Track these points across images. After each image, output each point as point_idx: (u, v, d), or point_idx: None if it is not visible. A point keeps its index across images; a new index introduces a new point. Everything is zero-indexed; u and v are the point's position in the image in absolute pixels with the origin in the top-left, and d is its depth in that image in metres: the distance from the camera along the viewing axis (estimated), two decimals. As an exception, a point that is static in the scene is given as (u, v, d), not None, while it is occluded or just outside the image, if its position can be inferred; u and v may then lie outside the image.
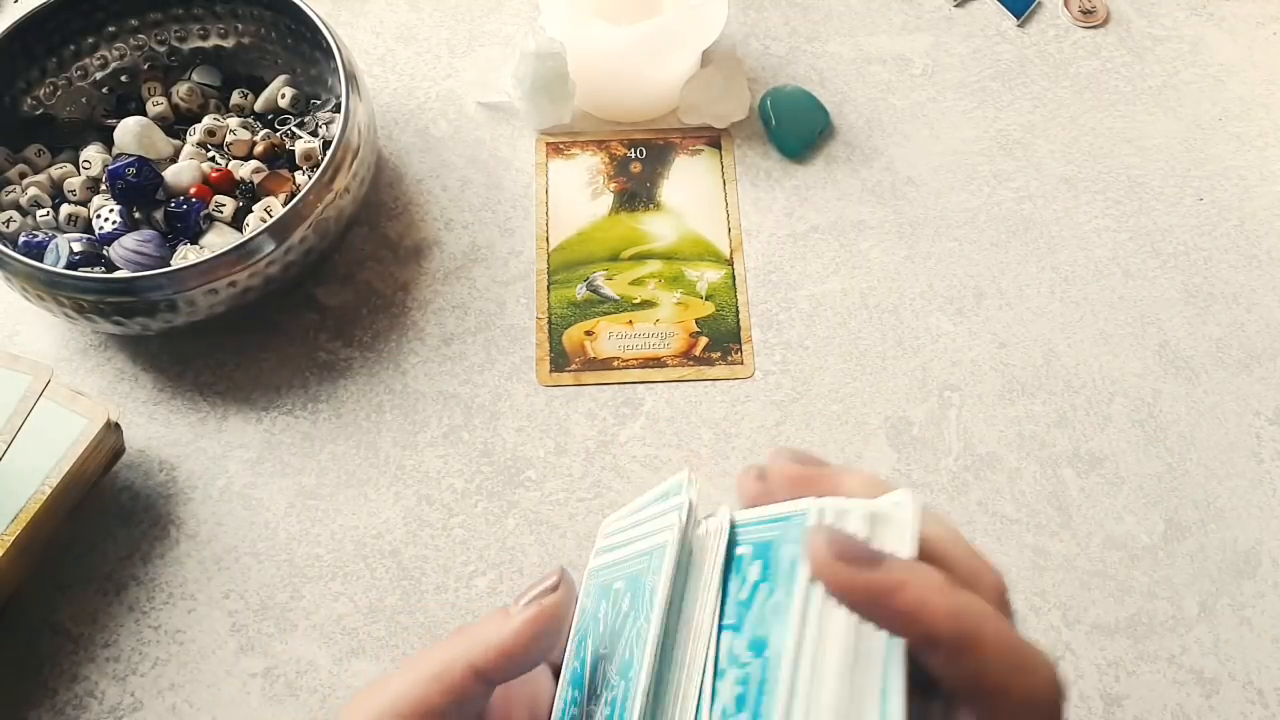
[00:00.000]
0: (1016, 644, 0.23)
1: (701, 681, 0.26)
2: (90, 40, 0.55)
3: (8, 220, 0.51)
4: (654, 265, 0.54)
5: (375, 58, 0.61)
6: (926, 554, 0.25)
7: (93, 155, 0.53)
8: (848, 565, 0.23)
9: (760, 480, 0.28)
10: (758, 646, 0.25)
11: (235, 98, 0.56)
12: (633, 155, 0.57)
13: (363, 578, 0.46)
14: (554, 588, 0.28)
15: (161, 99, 0.55)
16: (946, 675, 0.23)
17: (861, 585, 0.23)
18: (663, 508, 0.30)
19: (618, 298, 0.53)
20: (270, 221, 0.46)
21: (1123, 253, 0.55)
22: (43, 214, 0.51)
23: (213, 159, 0.53)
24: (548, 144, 0.58)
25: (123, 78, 0.56)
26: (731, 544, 0.27)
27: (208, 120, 0.54)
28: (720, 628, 0.28)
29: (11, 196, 0.52)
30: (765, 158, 0.57)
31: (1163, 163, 0.58)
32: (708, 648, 0.26)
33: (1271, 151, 0.58)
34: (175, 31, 0.56)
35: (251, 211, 0.51)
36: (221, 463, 0.49)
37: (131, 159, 0.51)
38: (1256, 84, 0.60)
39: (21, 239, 0.50)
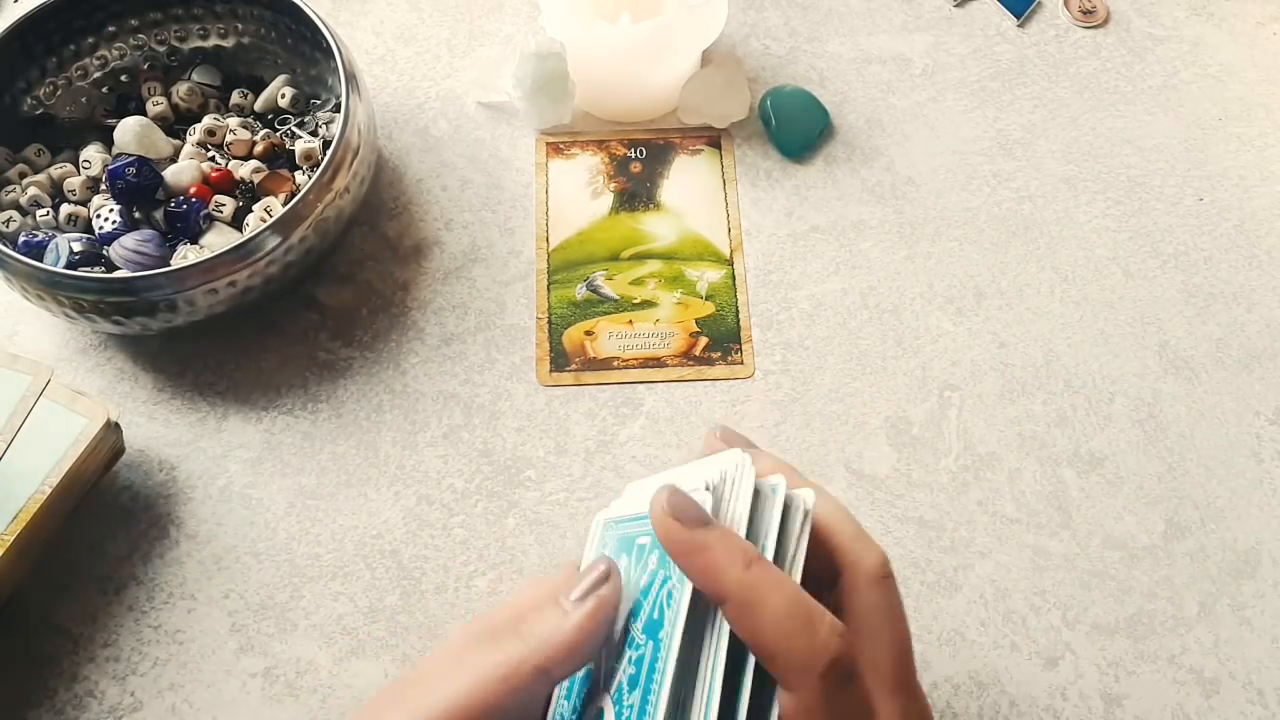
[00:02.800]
0: (797, 613, 0.26)
1: (718, 645, 0.27)
2: (90, 40, 0.55)
3: (8, 220, 0.51)
4: (654, 265, 0.54)
5: (375, 58, 0.61)
6: (816, 531, 0.29)
7: (93, 155, 0.53)
8: (676, 521, 0.27)
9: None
10: (652, 629, 0.27)
11: (235, 98, 0.56)
12: (633, 155, 0.57)
13: (363, 578, 0.46)
14: (605, 577, 0.29)
15: (161, 99, 0.55)
16: (737, 630, 0.26)
17: (679, 540, 0.27)
18: (700, 467, 0.30)
19: (618, 298, 0.53)
20: (270, 221, 0.46)
21: (1123, 253, 0.55)
22: (43, 214, 0.51)
23: (213, 159, 0.53)
24: (548, 144, 0.58)
25: (123, 78, 0.56)
26: (760, 500, 0.29)
27: (208, 120, 0.54)
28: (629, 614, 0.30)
29: (11, 196, 0.52)
30: (765, 158, 0.57)
31: (1163, 163, 0.58)
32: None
33: (1271, 151, 0.58)
34: (175, 31, 0.56)
35: (251, 211, 0.51)
36: (221, 463, 0.49)
37: (131, 159, 0.51)
38: (1256, 84, 0.60)
39: (21, 239, 0.50)
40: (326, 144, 0.53)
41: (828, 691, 0.26)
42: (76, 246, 0.49)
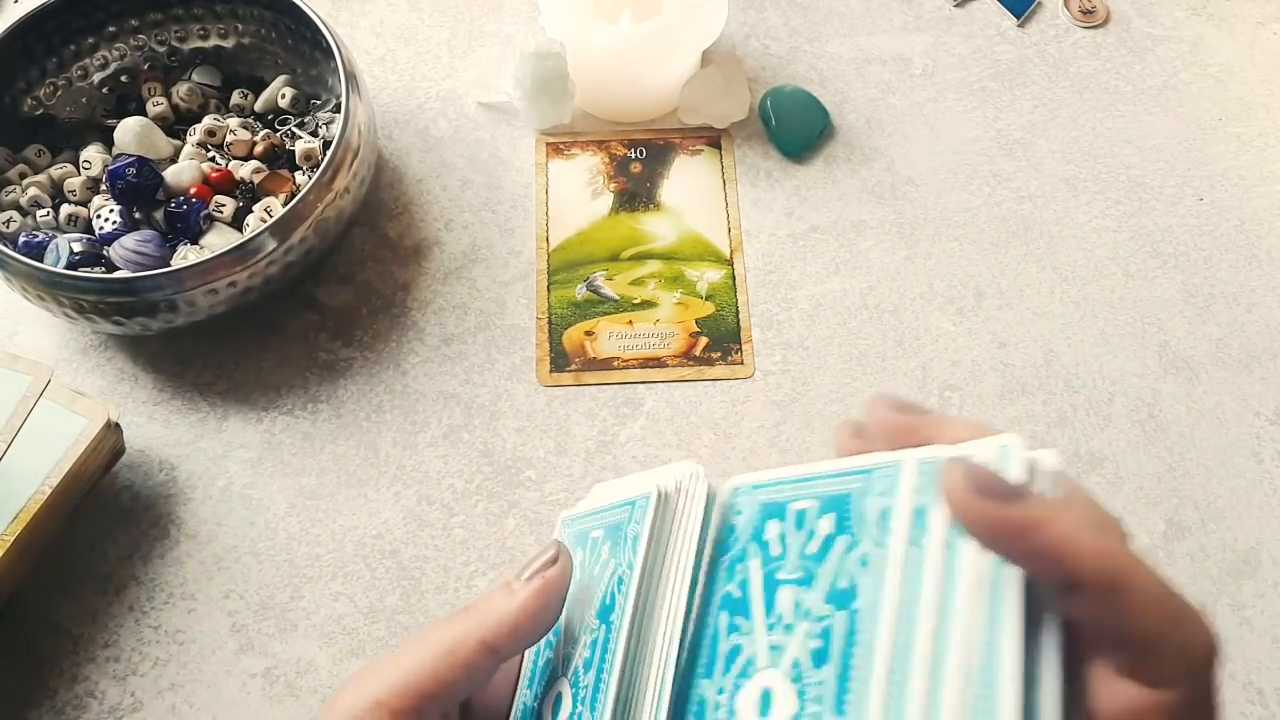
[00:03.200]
0: (1170, 593, 0.21)
1: (685, 625, 0.26)
2: (90, 40, 0.55)
3: (8, 220, 0.51)
4: (654, 265, 0.54)
5: (375, 58, 0.61)
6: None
7: (93, 155, 0.53)
8: (987, 500, 0.21)
9: (857, 437, 0.27)
10: (840, 599, 0.24)
11: (235, 98, 0.56)
12: (633, 155, 0.57)
13: (363, 578, 0.46)
14: (554, 560, 0.29)
15: (161, 99, 0.55)
16: (1090, 620, 0.21)
17: (1002, 520, 0.21)
18: (634, 492, 0.30)
19: (618, 298, 0.53)
20: (270, 221, 0.46)
21: (1123, 253, 0.55)
22: (43, 214, 0.51)
23: (213, 159, 0.53)
24: (548, 144, 0.58)
25: (123, 78, 0.56)
26: (709, 504, 0.28)
27: (208, 120, 0.54)
28: (777, 582, 0.27)
29: (11, 196, 0.52)
30: (765, 158, 0.57)
31: (1163, 163, 0.58)
32: (688, 594, 0.27)
33: (1271, 151, 0.58)
34: (175, 31, 0.56)
35: (251, 211, 0.51)
36: (221, 463, 0.49)
37: (131, 159, 0.51)
38: (1256, 84, 0.60)
39: (21, 239, 0.50)
40: (326, 144, 0.53)
41: (1201, 693, 0.21)
42: (77, 247, 0.49)
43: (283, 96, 0.55)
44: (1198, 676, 0.21)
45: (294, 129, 0.55)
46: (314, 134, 0.55)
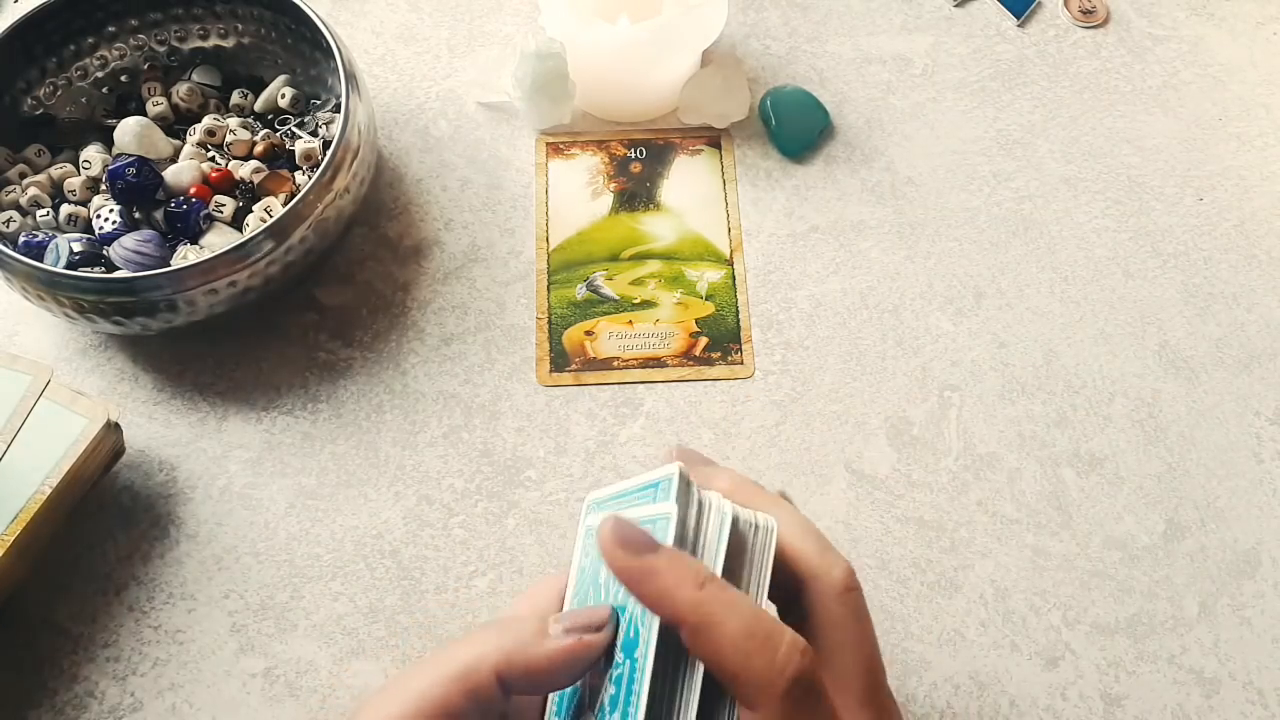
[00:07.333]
0: (749, 631, 0.25)
1: (693, 665, 0.26)
2: (90, 40, 0.55)
3: (8, 220, 0.51)
4: (654, 265, 0.54)
5: (375, 58, 0.61)
6: (778, 548, 0.29)
7: (93, 155, 0.53)
8: (623, 550, 0.27)
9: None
10: (628, 648, 0.27)
11: (235, 98, 0.56)
12: (633, 155, 0.57)
13: (363, 578, 0.46)
14: (600, 626, 0.28)
15: (161, 99, 0.55)
16: (697, 654, 0.26)
17: (628, 568, 0.27)
18: (658, 474, 0.30)
19: (618, 298, 0.53)
20: (270, 221, 0.46)
21: (1123, 253, 0.55)
22: (43, 214, 0.51)
23: (213, 159, 0.53)
24: (548, 144, 0.58)
25: (123, 78, 0.56)
26: (735, 522, 0.29)
27: (208, 120, 0.54)
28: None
29: (11, 196, 0.52)
30: (765, 158, 0.57)
31: (1163, 163, 0.58)
32: None
33: (1271, 151, 0.58)
34: (175, 31, 0.56)
35: (251, 211, 0.51)
36: (221, 463, 0.49)
37: (131, 159, 0.51)
38: (1256, 84, 0.60)
39: (21, 239, 0.50)
40: (326, 144, 0.53)
41: (790, 710, 0.25)
42: (76, 247, 0.49)
43: (283, 96, 0.55)
44: (784, 696, 0.25)
45: (294, 129, 0.55)
46: (314, 134, 0.55)
